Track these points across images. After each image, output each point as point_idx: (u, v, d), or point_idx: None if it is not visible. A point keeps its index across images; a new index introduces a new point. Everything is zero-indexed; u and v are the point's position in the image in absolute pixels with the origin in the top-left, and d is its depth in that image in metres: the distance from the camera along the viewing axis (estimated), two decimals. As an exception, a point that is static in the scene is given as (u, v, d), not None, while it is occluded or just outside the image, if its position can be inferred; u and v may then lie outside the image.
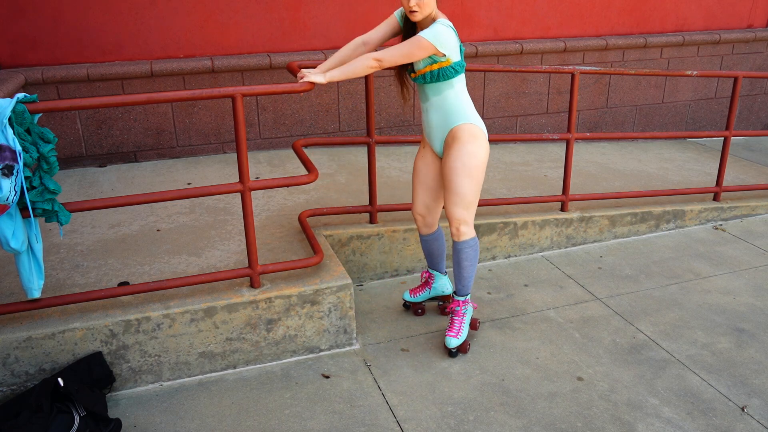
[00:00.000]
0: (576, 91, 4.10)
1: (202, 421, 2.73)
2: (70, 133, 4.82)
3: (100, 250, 3.45)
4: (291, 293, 3.05)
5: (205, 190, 2.83)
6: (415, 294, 3.52)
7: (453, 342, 3.12)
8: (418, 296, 3.52)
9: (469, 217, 2.95)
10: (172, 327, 2.90)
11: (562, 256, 4.29)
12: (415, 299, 3.52)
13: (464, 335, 3.15)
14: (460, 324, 3.15)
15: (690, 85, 6.73)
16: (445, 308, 3.54)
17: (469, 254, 3.01)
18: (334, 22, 5.33)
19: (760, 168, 5.86)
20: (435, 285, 3.49)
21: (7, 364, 2.70)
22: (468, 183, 2.89)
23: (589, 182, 5.02)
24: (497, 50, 5.71)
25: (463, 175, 2.87)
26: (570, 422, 2.74)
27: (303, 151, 3.37)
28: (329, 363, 3.13)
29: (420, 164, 3.17)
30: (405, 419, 2.74)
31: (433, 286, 3.49)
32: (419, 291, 3.52)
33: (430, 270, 3.48)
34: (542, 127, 6.24)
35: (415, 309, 3.55)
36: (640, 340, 3.35)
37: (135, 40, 4.87)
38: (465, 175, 2.87)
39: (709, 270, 4.14)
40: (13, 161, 2.28)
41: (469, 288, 3.14)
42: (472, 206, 2.95)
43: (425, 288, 3.51)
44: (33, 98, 2.40)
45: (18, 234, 2.45)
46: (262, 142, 5.34)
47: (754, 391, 2.96)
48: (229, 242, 3.55)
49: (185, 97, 2.65)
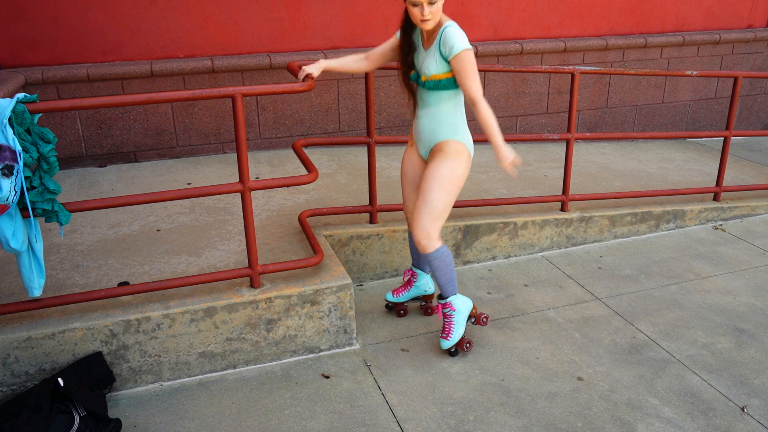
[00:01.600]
0: (576, 91, 4.10)
1: (202, 421, 2.73)
2: (70, 133, 4.81)
3: (100, 250, 3.45)
4: (291, 293, 3.05)
5: (205, 190, 2.83)
6: (398, 294, 3.50)
7: (444, 344, 3.13)
8: (400, 296, 3.50)
9: (433, 231, 2.93)
10: (172, 327, 2.90)
11: (562, 256, 4.29)
12: (397, 299, 3.50)
13: (456, 336, 3.14)
14: (450, 326, 3.13)
15: (690, 85, 6.73)
16: (427, 309, 3.56)
17: (439, 264, 3.00)
18: (334, 22, 5.33)
19: (760, 168, 5.86)
20: (417, 283, 3.48)
21: (7, 364, 2.70)
22: (441, 196, 2.91)
23: (589, 182, 5.02)
24: (497, 50, 5.71)
25: (439, 187, 2.90)
26: (570, 422, 2.74)
27: (303, 151, 3.37)
28: (329, 363, 3.13)
29: (407, 164, 3.20)
30: (405, 419, 2.74)
31: (416, 284, 3.48)
32: (402, 291, 3.50)
33: (414, 268, 3.48)
34: (542, 127, 6.24)
35: (398, 310, 3.53)
36: (640, 340, 3.35)
37: (135, 40, 4.87)
38: (440, 188, 2.90)
39: (709, 270, 4.14)
40: (13, 161, 2.28)
41: (449, 291, 3.11)
42: (440, 219, 2.94)
43: (407, 287, 3.49)
44: (33, 98, 2.40)
45: (18, 234, 2.45)
46: (262, 142, 5.34)
47: (754, 391, 2.96)
48: (229, 242, 3.55)
49: (185, 97, 2.65)
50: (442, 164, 2.92)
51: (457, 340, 3.15)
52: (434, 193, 2.90)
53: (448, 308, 3.14)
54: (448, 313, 3.15)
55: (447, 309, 3.14)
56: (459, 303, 3.17)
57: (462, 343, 3.18)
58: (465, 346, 3.19)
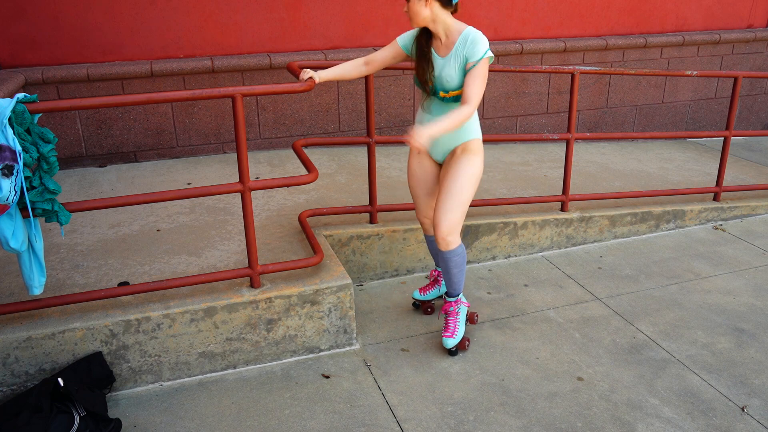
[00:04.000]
0: (576, 91, 4.10)
1: (202, 421, 2.73)
2: (70, 133, 4.81)
3: (100, 250, 3.45)
4: (291, 293, 3.05)
5: (205, 190, 2.83)
6: (425, 292, 3.53)
7: (450, 342, 3.13)
8: (427, 294, 3.53)
9: (458, 226, 2.98)
10: (172, 327, 2.90)
11: (562, 256, 4.29)
12: (425, 297, 3.53)
13: (460, 334, 3.17)
14: (455, 324, 3.17)
15: (690, 85, 6.73)
16: (427, 308, 3.57)
17: (457, 262, 3.05)
18: (334, 22, 5.33)
19: (760, 168, 5.86)
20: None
21: (7, 364, 2.70)
22: (469, 190, 2.96)
23: (589, 182, 5.02)
24: (497, 50, 5.71)
25: (468, 184, 2.96)
26: (570, 422, 2.74)
27: (303, 151, 3.37)
28: (329, 363, 3.13)
29: (419, 171, 3.18)
30: (405, 419, 2.74)
31: (443, 282, 3.49)
32: (429, 289, 3.53)
33: (439, 268, 3.49)
34: (542, 127, 6.24)
35: (425, 307, 3.55)
36: (640, 340, 3.35)
37: (135, 40, 4.87)
38: (469, 185, 2.96)
39: (709, 270, 4.14)
40: (13, 161, 2.28)
41: (460, 289, 3.16)
42: (464, 215, 3.00)
43: (435, 286, 3.54)
44: (33, 98, 2.40)
45: (18, 234, 2.45)
46: (262, 142, 5.34)
47: (754, 391, 2.96)
48: (229, 242, 3.55)
49: (185, 97, 2.65)
50: (467, 162, 2.95)
51: (460, 338, 3.17)
52: (464, 190, 2.94)
53: (459, 305, 3.17)
54: (456, 311, 3.17)
55: (457, 306, 3.17)
56: (462, 303, 3.21)
57: (463, 342, 3.19)
58: (465, 344, 3.20)
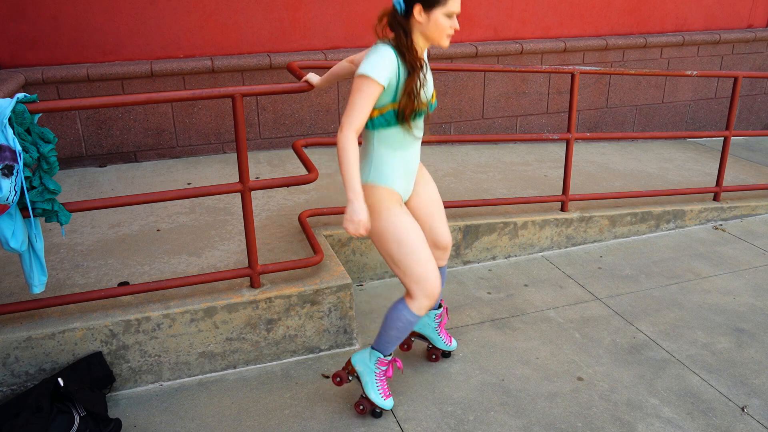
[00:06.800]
0: (576, 91, 4.10)
1: (202, 421, 2.73)
2: (70, 133, 4.82)
3: (100, 250, 3.45)
4: (291, 293, 3.05)
5: (205, 190, 2.83)
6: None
7: (455, 343, 3.11)
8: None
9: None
10: (172, 327, 2.90)
11: (562, 256, 4.29)
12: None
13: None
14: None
15: (690, 85, 6.73)
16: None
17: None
18: (334, 22, 5.33)
19: (760, 168, 5.86)
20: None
21: (7, 364, 2.70)
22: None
23: (589, 182, 5.02)
24: (497, 50, 5.71)
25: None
26: (570, 422, 2.74)
27: (303, 151, 3.37)
28: (329, 363, 3.13)
29: (412, 224, 2.56)
30: (405, 419, 2.74)
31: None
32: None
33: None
34: (542, 127, 6.24)
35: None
36: (640, 340, 3.35)
37: (135, 40, 4.87)
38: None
39: (709, 270, 4.14)
40: (13, 161, 2.28)
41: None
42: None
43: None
44: (33, 98, 2.40)
45: (18, 234, 2.45)
46: (262, 142, 5.34)
47: (754, 391, 2.96)
48: (229, 242, 3.55)
49: (185, 97, 2.65)
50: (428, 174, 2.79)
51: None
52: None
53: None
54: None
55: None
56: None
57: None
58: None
